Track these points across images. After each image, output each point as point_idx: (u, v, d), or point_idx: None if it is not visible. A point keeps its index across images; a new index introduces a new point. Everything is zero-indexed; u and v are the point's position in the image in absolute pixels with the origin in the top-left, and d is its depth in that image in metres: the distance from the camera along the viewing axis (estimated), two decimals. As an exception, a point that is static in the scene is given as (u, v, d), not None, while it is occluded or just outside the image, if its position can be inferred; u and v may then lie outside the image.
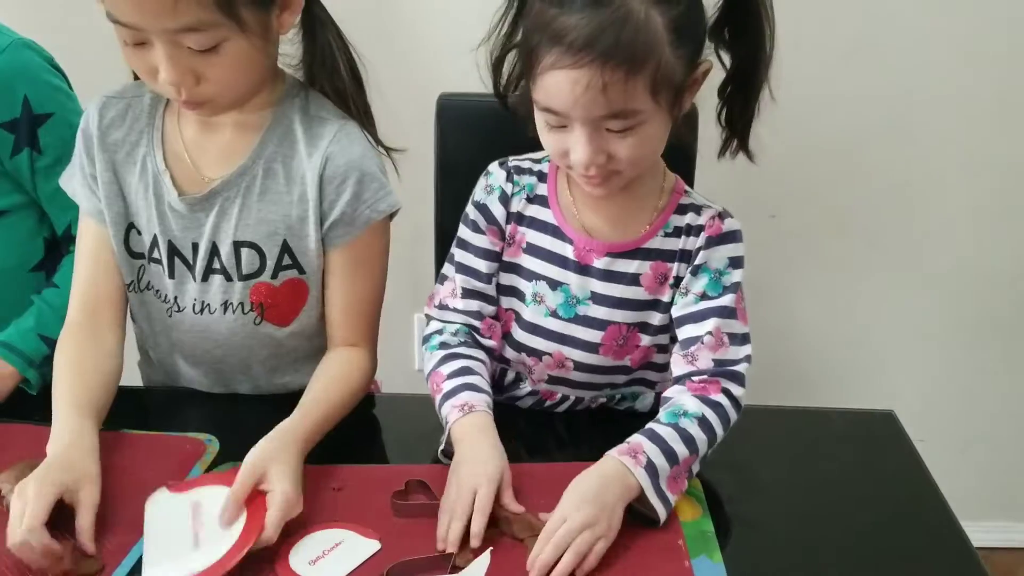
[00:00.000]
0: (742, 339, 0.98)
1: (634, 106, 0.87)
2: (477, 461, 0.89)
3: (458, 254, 1.06)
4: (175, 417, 1.09)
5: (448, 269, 1.07)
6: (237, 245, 1.04)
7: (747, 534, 0.89)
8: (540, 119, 0.93)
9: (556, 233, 1.02)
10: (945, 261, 1.71)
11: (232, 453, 0.97)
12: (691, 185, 1.26)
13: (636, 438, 0.90)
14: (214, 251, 1.05)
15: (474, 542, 0.84)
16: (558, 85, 0.87)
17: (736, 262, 0.99)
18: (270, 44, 1.00)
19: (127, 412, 1.05)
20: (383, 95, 1.11)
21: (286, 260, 1.05)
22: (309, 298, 1.08)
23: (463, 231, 1.06)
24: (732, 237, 0.99)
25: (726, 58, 0.96)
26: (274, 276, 1.06)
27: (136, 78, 1.08)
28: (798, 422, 1.08)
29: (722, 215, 1.00)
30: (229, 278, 1.06)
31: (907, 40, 1.56)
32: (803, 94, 1.60)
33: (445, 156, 1.29)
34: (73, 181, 1.08)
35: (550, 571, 0.82)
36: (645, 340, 1.03)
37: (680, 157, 1.13)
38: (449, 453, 0.94)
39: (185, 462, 0.96)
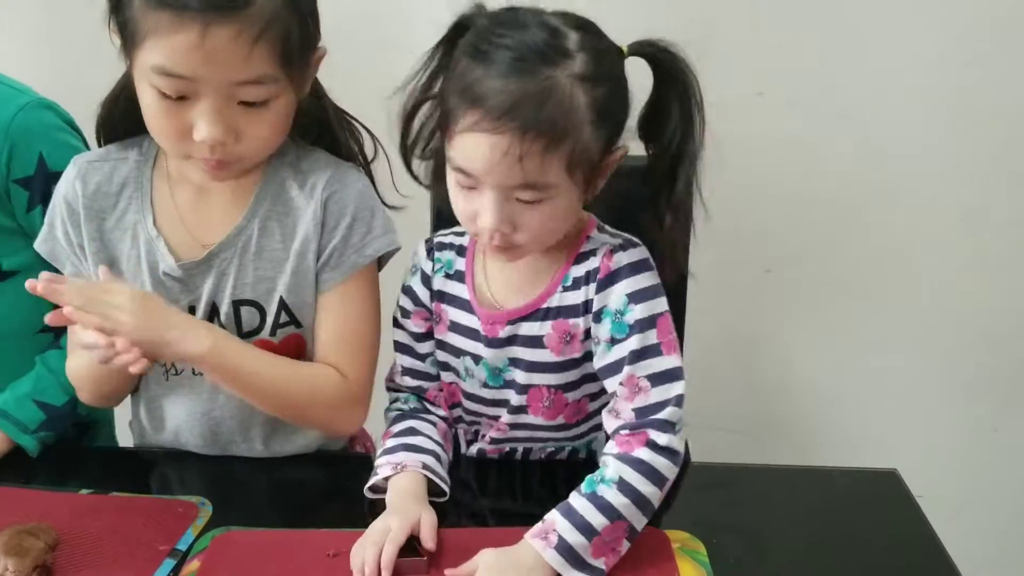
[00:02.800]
0: (668, 376, 0.92)
1: (548, 179, 0.87)
2: (398, 509, 0.91)
3: (396, 333, 1.07)
4: (168, 480, 1.08)
5: (395, 353, 1.08)
6: (236, 304, 1.03)
7: (752, 598, 0.88)
8: (451, 178, 0.92)
9: (468, 308, 1.02)
10: (943, 318, 1.71)
11: (225, 517, 0.95)
12: (686, 243, 1.26)
13: (551, 515, 0.87)
14: (213, 311, 1.04)
15: (384, 574, 0.85)
16: (476, 148, 0.86)
17: (637, 296, 0.93)
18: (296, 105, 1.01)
19: (119, 474, 1.04)
20: (381, 160, 1.11)
21: (283, 317, 1.04)
22: (307, 354, 1.07)
23: (396, 313, 1.07)
24: (627, 271, 0.95)
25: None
26: (273, 333, 1.05)
27: (102, 143, 1.07)
28: (801, 481, 1.06)
29: (614, 250, 0.96)
30: None
31: (901, 99, 1.58)
32: (798, 152, 1.62)
33: (441, 220, 1.28)
34: (54, 246, 1.06)
35: None
36: (571, 397, 1.02)
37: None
38: (373, 488, 0.97)
39: (178, 526, 0.94)
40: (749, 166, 1.58)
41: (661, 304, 0.95)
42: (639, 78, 0.94)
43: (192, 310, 1.04)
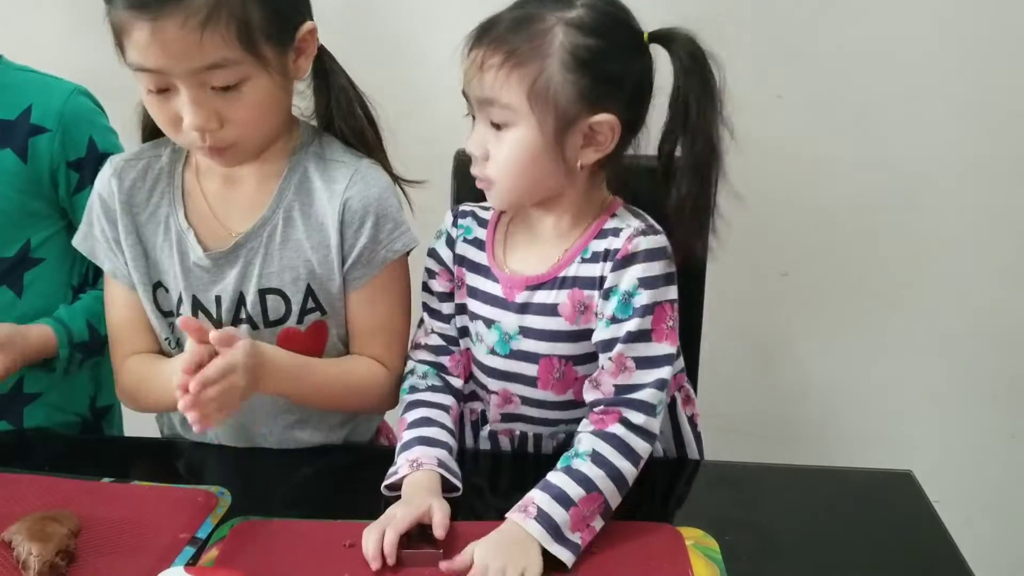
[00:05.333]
0: (655, 362, 0.96)
1: (504, 98, 0.92)
2: (409, 500, 0.93)
3: (423, 296, 1.11)
4: (189, 469, 1.09)
5: (422, 314, 1.12)
6: (263, 293, 1.06)
7: (765, 596, 0.88)
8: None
9: (487, 274, 1.05)
10: (960, 321, 1.70)
11: (245, 507, 0.96)
12: (704, 243, 1.27)
13: (530, 492, 0.90)
14: (240, 300, 1.06)
15: (389, 559, 0.86)
16: (465, 64, 0.95)
17: (648, 282, 0.96)
18: (288, 86, 1.03)
19: (140, 464, 1.05)
20: (400, 151, 1.13)
21: (310, 303, 1.07)
22: (330, 338, 1.10)
23: (424, 277, 1.11)
24: (644, 256, 0.97)
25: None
26: (300, 321, 1.07)
27: (149, 138, 1.11)
28: (816, 481, 1.07)
29: (635, 234, 0.97)
30: (255, 326, 1.07)
31: (919, 102, 1.58)
32: (816, 154, 1.62)
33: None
34: (93, 244, 1.10)
35: None
36: (581, 371, 1.03)
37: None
38: (390, 486, 0.98)
39: (196, 515, 0.95)
40: (767, 169, 1.58)
41: (668, 293, 0.97)
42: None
43: (218, 301, 1.06)
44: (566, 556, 0.86)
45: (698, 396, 1.25)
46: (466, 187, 1.28)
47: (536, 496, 0.89)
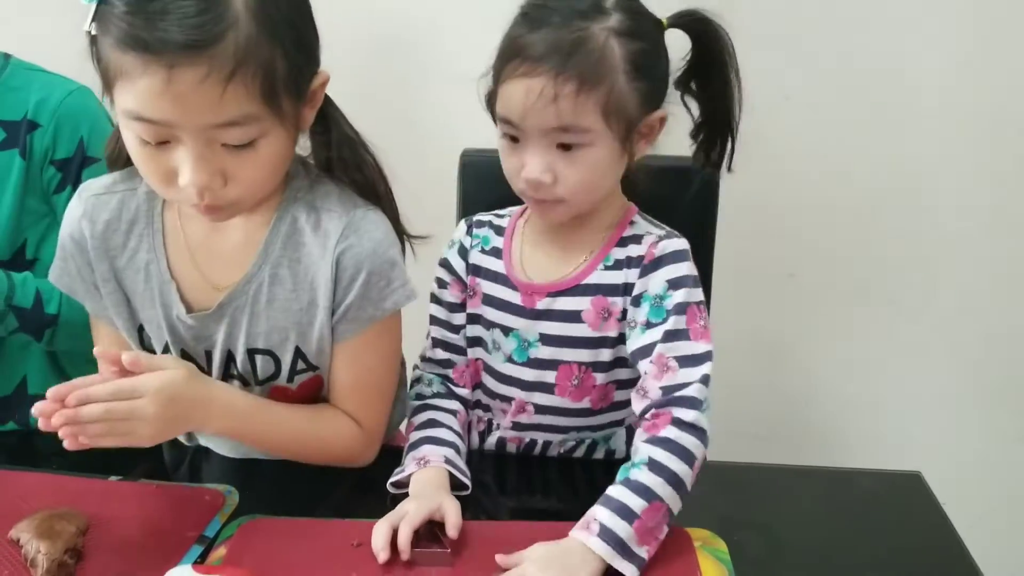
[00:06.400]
0: (695, 360, 0.95)
1: (583, 123, 0.92)
2: (419, 495, 0.93)
3: (431, 308, 1.11)
4: (196, 469, 1.09)
5: (429, 327, 1.12)
6: (251, 352, 1.01)
7: (774, 597, 0.87)
8: (500, 136, 0.98)
9: (504, 282, 1.05)
10: (968, 324, 1.70)
11: (252, 505, 0.96)
12: (711, 245, 1.27)
13: (592, 509, 0.88)
14: (229, 358, 1.01)
15: (403, 556, 0.86)
16: (515, 93, 0.93)
17: (677, 283, 0.97)
18: (296, 140, 0.94)
19: (148, 463, 1.05)
20: (408, 152, 1.12)
21: (300, 365, 1.02)
22: (325, 387, 1.06)
23: (433, 286, 1.11)
24: (670, 259, 0.98)
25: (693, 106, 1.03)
26: (290, 380, 1.03)
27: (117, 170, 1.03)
28: (824, 483, 1.07)
29: (659, 239, 1.00)
30: (247, 382, 1.03)
31: (927, 103, 1.58)
32: (823, 155, 1.62)
33: (468, 211, 1.29)
34: (71, 283, 1.02)
35: None
36: (600, 378, 1.03)
37: (699, 220, 1.17)
38: (396, 484, 0.99)
39: (204, 513, 0.95)
40: (774, 170, 1.58)
41: (696, 294, 0.98)
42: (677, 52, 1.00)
43: (208, 356, 1.02)
44: (630, 571, 0.85)
45: (705, 397, 1.25)
46: (472, 189, 1.29)
47: (598, 512, 0.87)
